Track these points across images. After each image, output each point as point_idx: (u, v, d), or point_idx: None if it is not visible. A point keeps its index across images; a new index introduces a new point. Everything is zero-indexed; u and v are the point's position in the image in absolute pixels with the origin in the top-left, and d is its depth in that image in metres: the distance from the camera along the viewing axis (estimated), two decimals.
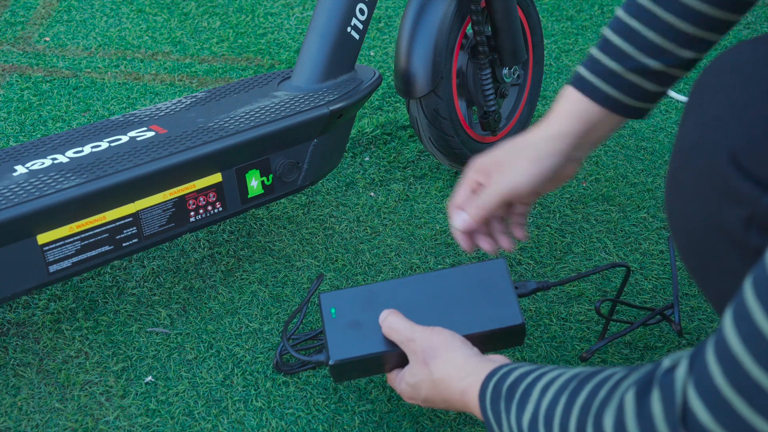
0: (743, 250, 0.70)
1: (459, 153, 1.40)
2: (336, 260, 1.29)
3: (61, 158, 1.10)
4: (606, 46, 0.91)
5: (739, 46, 0.75)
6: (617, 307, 1.20)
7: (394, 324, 0.94)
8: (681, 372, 0.61)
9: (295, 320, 1.18)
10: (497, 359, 0.87)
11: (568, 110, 0.92)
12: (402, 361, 0.96)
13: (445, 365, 0.87)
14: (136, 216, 1.09)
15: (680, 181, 0.75)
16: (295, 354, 1.02)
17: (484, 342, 0.96)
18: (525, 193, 0.94)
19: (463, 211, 0.96)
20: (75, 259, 1.07)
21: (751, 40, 0.76)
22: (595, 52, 0.92)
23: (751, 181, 0.67)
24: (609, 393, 0.66)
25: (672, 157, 0.77)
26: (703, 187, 0.72)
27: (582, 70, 0.92)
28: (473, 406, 0.83)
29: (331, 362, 0.96)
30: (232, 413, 1.06)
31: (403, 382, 0.93)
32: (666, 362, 0.64)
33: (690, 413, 0.58)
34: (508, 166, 0.93)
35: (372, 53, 1.85)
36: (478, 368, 0.85)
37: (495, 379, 0.81)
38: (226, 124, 1.16)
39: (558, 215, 1.38)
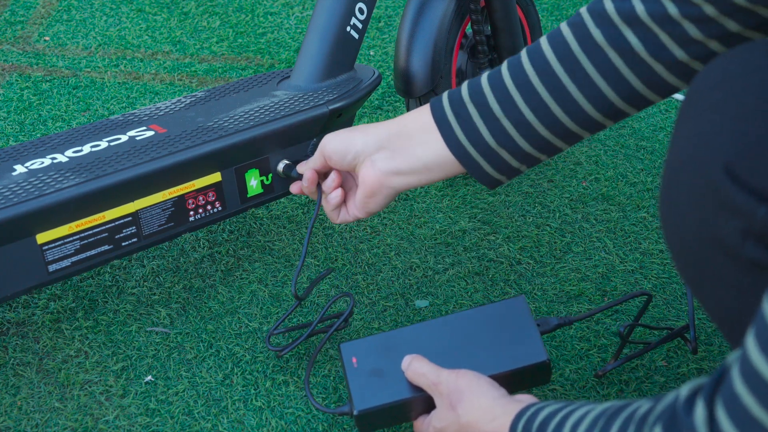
0: (740, 261, 0.69)
1: None
2: (336, 260, 1.29)
3: (61, 158, 1.10)
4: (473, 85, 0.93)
5: (726, 57, 0.75)
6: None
7: (419, 368, 0.93)
8: (699, 409, 0.60)
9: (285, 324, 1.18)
10: (524, 399, 0.86)
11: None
12: (428, 406, 0.95)
13: (472, 408, 0.87)
14: (135, 215, 1.09)
15: (674, 194, 0.75)
16: (314, 402, 1.02)
17: (510, 381, 0.95)
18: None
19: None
20: (74, 259, 1.07)
21: (738, 49, 0.75)
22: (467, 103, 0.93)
23: (747, 192, 0.66)
24: (638, 429, 0.66)
25: (665, 170, 0.77)
26: (698, 200, 0.71)
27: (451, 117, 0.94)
28: None
29: (355, 412, 0.95)
30: (232, 413, 1.06)
31: (431, 426, 0.93)
32: (684, 392, 0.63)
33: None
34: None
35: (371, 52, 1.85)
36: (506, 410, 0.84)
37: (524, 419, 0.81)
38: (226, 124, 1.16)
39: (558, 215, 1.38)
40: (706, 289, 0.77)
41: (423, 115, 0.94)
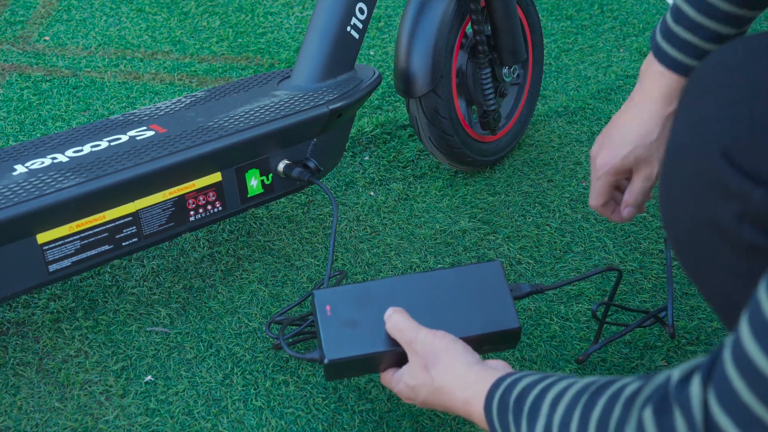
0: (736, 245, 0.70)
1: (458, 152, 1.40)
2: (336, 260, 1.29)
3: (61, 157, 1.10)
4: (679, 15, 0.95)
5: (726, 47, 0.76)
6: (616, 310, 1.20)
7: (399, 323, 0.93)
8: (695, 387, 0.59)
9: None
10: (499, 366, 0.86)
11: (658, 89, 0.98)
12: (397, 360, 0.95)
13: (446, 373, 0.87)
14: (135, 215, 1.09)
15: (673, 179, 0.76)
16: (289, 350, 1.01)
17: (480, 344, 0.96)
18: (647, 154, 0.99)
19: (629, 206, 1.03)
20: (75, 259, 1.07)
21: (738, 40, 0.77)
22: (671, 23, 0.95)
23: (743, 175, 0.67)
24: (625, 410, 0.65)
25: (665, 156, 0.78)
26: (695, 184, 0.72)
27: (663, 44, 0.96)
28: (477, 417, 0.83)
29: (326, 361, 0.95)
30: (232, 412, 1.06)
31: (401, 382, 0.93)
32: (676, 374, 0.62)
33: (716, 430, 0.57)
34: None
35: (372, 52, 1.85)
36: (481, 377, 0.84)
37: (500, 390, 0.80)
38: (226, 124, 1.16)
39: (558, 215, 1.38)
40: (704, 274, 0.77)
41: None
